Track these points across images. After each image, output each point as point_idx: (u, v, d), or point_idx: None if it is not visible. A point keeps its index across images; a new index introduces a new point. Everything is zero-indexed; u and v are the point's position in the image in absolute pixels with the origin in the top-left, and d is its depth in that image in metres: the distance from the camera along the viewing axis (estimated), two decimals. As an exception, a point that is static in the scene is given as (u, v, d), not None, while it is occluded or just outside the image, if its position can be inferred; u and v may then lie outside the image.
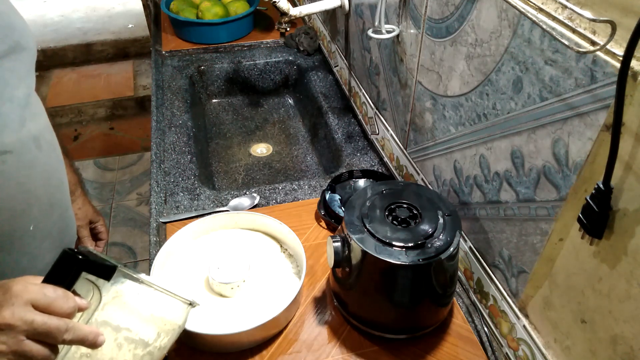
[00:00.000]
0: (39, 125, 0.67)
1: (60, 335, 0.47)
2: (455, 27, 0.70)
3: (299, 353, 0.73)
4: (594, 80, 0.47)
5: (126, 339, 0.54)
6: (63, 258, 0.50)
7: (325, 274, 0.85)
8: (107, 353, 0.53)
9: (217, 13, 1.52)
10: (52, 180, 0.70)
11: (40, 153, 0.66)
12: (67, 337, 0.47)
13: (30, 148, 0.64)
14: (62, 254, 0.50)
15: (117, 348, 0.53)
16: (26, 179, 0.64)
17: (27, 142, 0.64)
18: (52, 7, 3.63)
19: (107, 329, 0.52)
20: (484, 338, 0.76)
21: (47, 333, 0.46)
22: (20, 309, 0.45)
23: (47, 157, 0.69)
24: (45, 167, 0.68)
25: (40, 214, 0.67)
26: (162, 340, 0.56)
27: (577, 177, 0.52)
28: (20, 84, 0.63)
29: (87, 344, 0.49)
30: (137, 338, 0.54)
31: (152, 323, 0.56)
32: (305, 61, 1.50)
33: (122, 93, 2.89)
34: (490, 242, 0.71)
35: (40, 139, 0.67)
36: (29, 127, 0.64)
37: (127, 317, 0.54)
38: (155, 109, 1.26)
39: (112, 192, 2.34)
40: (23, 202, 0.64)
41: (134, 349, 0.54)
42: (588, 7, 0.46)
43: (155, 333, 0.56)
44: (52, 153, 0.71)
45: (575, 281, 0.55)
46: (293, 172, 1.27)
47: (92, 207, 0.92)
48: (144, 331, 0.55)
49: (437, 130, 0.82)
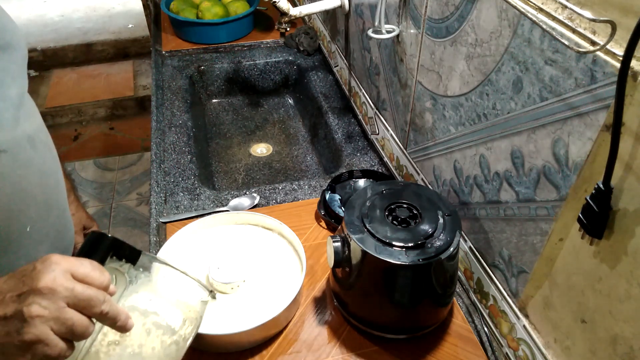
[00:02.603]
0: (33, 125, 0.67)
1: (99, 305, 0.46)
2: (455, 27, 0.70)
3: (299, 353, 0.73)
4: (594, 80, 0.47)
5: (154, 323, 0.53)
6: (92, 238, 0.50)
7: (325, 274, 0.85)
8: (136, 339, 0.51)
9: (217, 13, 1.52)
10: (48, 181, 0.70)
11: (36, 153, 0.66)
12: (105, 309, 0.46)
13: (25, 148, 0.64)
14: (91, 235, 0.50)
15: (145, 334, 0.52)
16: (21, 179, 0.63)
17: (22, 141, 0.63)
18: (52, 7, 3.63)
19: (135, 313, 0.51)
20: (484, 338, 0.76)
21: (88, 301, 0.45)
22: (60, 275, 0.45)
23: (43, 157, 0.69)
24: (40, 168, 0.68)
25: (37, 214, 0.67)
26: (186, 328, 0.55)
27: (577, 177, 0.52)
28: (13, 83, 0.63)
29: (119, 323, 0.48)
30: (165, 324, 0.53)
31: (178, 308, 0.55)
32: (305, 61, 1.50)
33: (122, 93, 2.89)
34: (490, 242, 0.71)
35: (35, 138, 0.66)
36: (24, 126, 0.64)
37: (154, 302, 0.53)
38: (155, 109, 1.26)
39: (112, 192, 2.34)
40: (19, 202, 0.64)
41: (161, 335, 0.53)
42: (588, 7, 0.46)
43: (181, 319, 0.55)
44: (48, 153, 0.71)
45: (575, 281, 0.55)
46: (293, 172, 1.27)
47: (86, 213, 0.92)
48: (171, 316, 0.54)
49: (437, 130, 0.82)
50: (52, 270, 0.44)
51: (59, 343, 0.44)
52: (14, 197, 0.63)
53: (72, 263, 0.46)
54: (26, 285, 0.44)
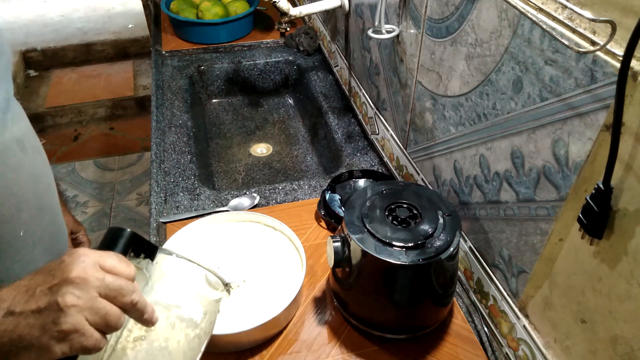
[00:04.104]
0: (21, 128, 0.67)
1: (129, 294, 0.46)
2: (455, 27, 0.70)
3: (299, 353, 0.73)
4: (594, 80, 0.47)
5: (178, 317, 0.53)
6: (112, 233, 0.49)
7: (325, 274, 0.84)
8: (161, 333, 0.51)
9: (217, 13, 1.52)
10: (40, 184, 0.69)
11: (26, 157, 0.65)
12: (135, 298, 0.46)
13: (14, 151, 0.63)
14: (111, 230, 0.50)
15: (170, 327, 0.52)
16: (13, 183, 0.63)
17: (11, 145, 0.63)
18: (52, 7, 3.63)
19: (158, 307, 0.51)
20: (484, 338, 0.76)
21: (119, 290, 0.45)
22: (90, 266, 0.44)
23: (33, 160, 0.68)
24: (31, 171, 0.67)
25: (30, 218, 0.67)
26: (206, 321, 0.55)
27: (577, 177, 0.52)
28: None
29: (146, 316, 0.48)
30: (187, 317, 0.53)
31: (198, 301, 0.55)
32: (305, 61, 1.50)
33: (122, 93, 2.89)
34: (490, 242, 0.71)
35: (24, 142, 0.66)
36: (12, 130, 0.63)
37: (176, 295, 0.53)
38: (155, 109, 1.26)
39: (112, 192, 2.34)
40: (11, 206, 0.63)
41: (185, 328, 0.53)
42: (588, 7, 0.46)
43: (202, 312, 0.55)
44: (38, 156, 0.70)
45: (575, 281, 0.55)
46: (293, 172, 1.27)
47: (72, 217, 0.91)
48: (193, 309, 0.54)
49: (437, 130, 0.82)
50: (81, 262, 0.44)
51: (94, 333, 0.43)
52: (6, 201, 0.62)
53: (99, 255, 0.46)
54: (57, 278, 0.44)
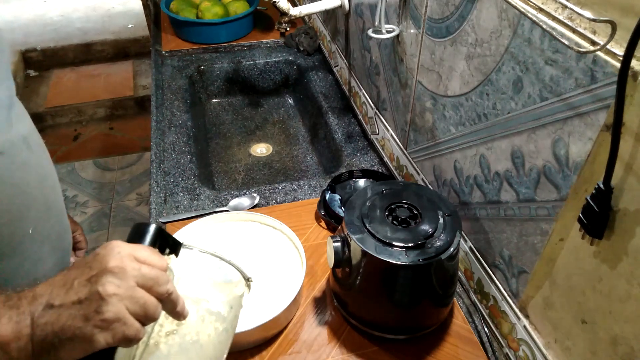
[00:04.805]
0: (26, 126, 0.67)
1: (164, 284, 0.46)
2: (456, 27, 0.70)
3: (299, 353, 0.73)
4: (594, 80, 0.47)
5: (207, 310, 0.53)
6: (138, 228, 0.50)
7: (325, 274, 0.84)
8: (192, 326, 0.51)
9: (217, 13, 1.52)
10: (46, 182, 0.70)
11: (32, 154, 0.66)
12: (170, 288, 0.46)
13: (21, 149, 0.64)
14: (137, 225, 0.50)
15: (200, 321, 0.52)
16: (21, 181, 0.63)
17: (17, 142, 0.63)
18: (52, 7, 3.63)
19: (188, 301, 0.51)
20: (484, 338, 0.76)
21: (155, 280, 0.45)
22: (126, 257, 0.45)
23: (39, 158, 0.68)
24: (38, 169, 0.67)
25: (38, 216, 0.67)
26: (232, 315, 0.55)
27: (577, 177, 0.52)
28: (1, 85, 0.62)
29: (178, 308, 0.48)
30: (216, 310, 0.53)
31: (224, 294, 0.55)
32: (305, 61, 1.50)
33: (122, 93, 2.89)
34: (490, 242, 0.71)
35: (29, 139, 0.66)
36: (17, 127, 0.63)
37: (202, 289, 0.53)
38: (155, 109, 1.26)
39: (112, 192, 2.34)
40: (20, 204, 0.64)
41: (214, 322, 0.53)
42: (588, 7, 0.46)
43: (228, 306, 0.55)
44: (43, 154, 0.71)
45: (575, 281, 0.55)
46: (293, 172, 1.27)
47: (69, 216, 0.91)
48: (219, 303, 0.54)
49: (437, 130, 0.82)
50: (117, 253, 0.44)
51: (135, 322, 0.43)
52: (15, 199, 0.63)
53: (132, 247, 0.46)
54: (94, 269, 0.44)
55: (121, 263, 0.44)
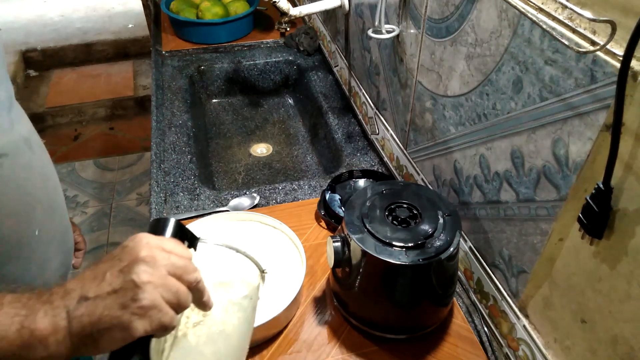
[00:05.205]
0: (26, 127, 0.67)
1: (193, 274, 0.46)
2: (455, 27, 0.70)
3: (299, 353, 0.73)
4: (594, 80, 0.47)
5: (229, 301, 0.53)
6: (158, 222, 0.50)
7: (325, 274, 0.84)
8: (217, 317, 0.52)
9: (217, 13, 1.52)
10: (49, 182, 0.70)
11: (34, 155, 0.66)
12: (198, 277, 0.47)
13: (23, 150, 0.64)
14: (156, 220, 0.50)
15: (224, 311, 0.52)
16: (25, 182, 0.63)
17: (20, 144, 0.63)
18: (52, 7, 3.63)
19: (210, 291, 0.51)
20: (484, 338, 0.76)
21: (184, 268, 0.46)
22: (155, 247, 0.45)
23: (41, 159, 0.69)
24: (40, 170, 0.67)
25: (43, 217, 0.67)
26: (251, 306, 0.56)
27: (577, 177, 0.52)
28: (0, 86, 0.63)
29: (205, 298, 0.48)
30: (237, 300, 0.54)
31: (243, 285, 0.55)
32: (305, 61, 1.50)
33: (122, 93, 2.89)
34: (490, 242, 0.71)
35: (31, 140, 0.66)
36: (18, 128, 0.64)
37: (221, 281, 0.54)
38: (155, 109, 1.26)
39: (112, 192, 2.34)
40: (26, 205, 0.64)
41: (237, 312, 0.53)
42: (588, 7, 0.46)
43: (248, 297, 0.55)
44: (44, 155, 0.71)
45: (575, 281, 0.55)
46: (293, 172, 1.27)
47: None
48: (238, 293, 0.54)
49: (437, 130, 0.82)
50: (146, 243, 0.45)
51: (169, 310, 0.44)
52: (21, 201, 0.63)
53: (159, 239, 0.47)
54: (125, 260, 0.44)
55: (151, 252, 0.44)
